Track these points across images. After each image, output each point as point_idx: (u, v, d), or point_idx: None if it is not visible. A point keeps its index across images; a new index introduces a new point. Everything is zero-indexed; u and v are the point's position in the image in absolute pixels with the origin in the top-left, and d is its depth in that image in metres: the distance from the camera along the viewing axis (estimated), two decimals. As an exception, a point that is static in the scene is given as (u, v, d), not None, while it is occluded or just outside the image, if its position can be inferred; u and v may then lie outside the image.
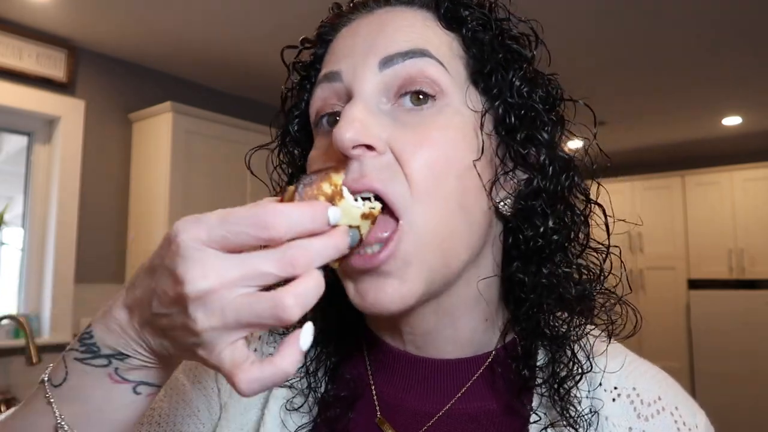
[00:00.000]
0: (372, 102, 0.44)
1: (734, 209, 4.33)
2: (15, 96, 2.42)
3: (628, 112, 3.81)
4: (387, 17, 0.47)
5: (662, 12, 2.39)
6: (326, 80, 0.47)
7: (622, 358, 0.49)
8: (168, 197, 2.59)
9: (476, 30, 0.47)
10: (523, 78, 0.47)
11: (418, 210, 0.42)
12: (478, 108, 0.46)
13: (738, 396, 4.10)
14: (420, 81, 0.44)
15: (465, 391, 0.49)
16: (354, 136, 0.41)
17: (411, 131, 0.43)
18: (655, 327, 4.57)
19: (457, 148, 0.44)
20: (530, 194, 0.47)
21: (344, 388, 0.52)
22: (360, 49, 0.45)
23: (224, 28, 2.45)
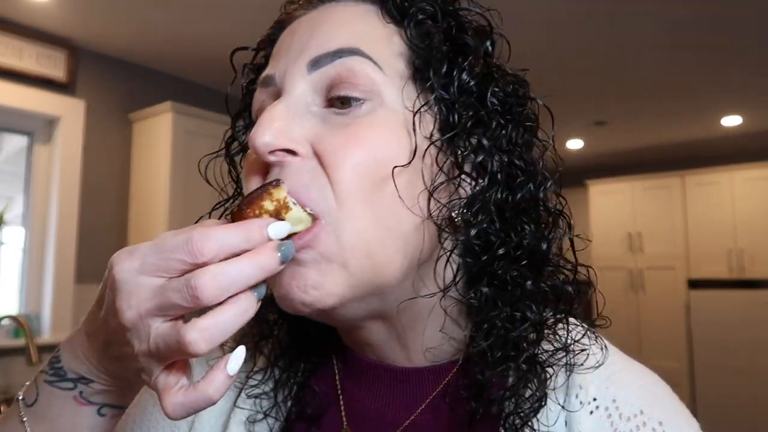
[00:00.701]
0: (300, 104, 0.41)
1: (734, 209, 4.33)
2: (15, 96, 2.42)
3: (628, 112, 3.81)
4: (326, 14, 0.44)
5: (662, 12, 2.39)
6: (262, 85, 0.45)
7: (606, 366, 0.44)
8: (168, 197, 2.59)
9: (420, 21, 0.43)
10: (472, 73, 0.42)
11: (342, 215, 0.39)
12: (417, 105, 0.42)
13: (738, 395, 4.10)
14: (348, 83, 0.40)
15: (431, 401, 0.46)
16: (271, 140, 0.39)
17: (339, 132, 0.40)
18: (655, 327, 4.57)
19: (388, 149, 0.40)
20: (478, 205, 0.42)
21: (310, 403, 0.50)
22: (293, 50, 0.43)
23: (225, 27, 2.45)
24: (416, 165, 0.41)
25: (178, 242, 0.33)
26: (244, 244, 0.34)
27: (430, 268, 0.44)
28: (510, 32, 0.49)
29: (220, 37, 2.53)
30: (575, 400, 0.43)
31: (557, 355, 0.43)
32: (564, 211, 0.46)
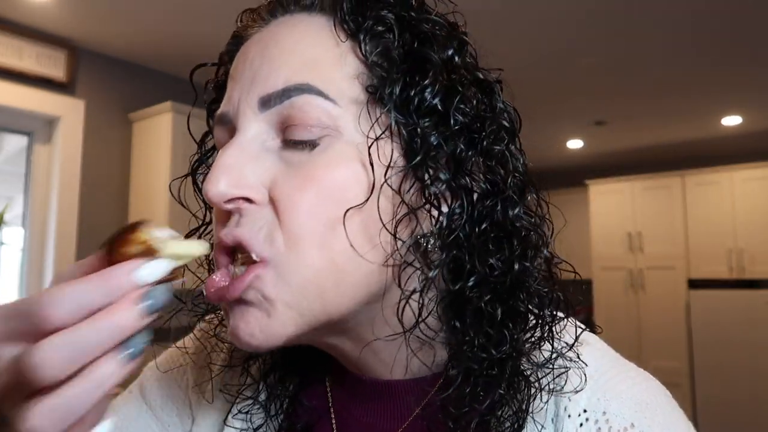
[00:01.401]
0: (255, 142, 0.39)
1: (734, 209, 4.33)
2: (15, 96, 2.42)
3: (628, 112, 3.81)
4: (277, 34, 0.41)
5: (662, 12, 2.39)
6: (218, 122, 0.43)
7: (598, 369, 0.42)
8: (168, 198, 2.59)
9: (376, 34, 0.40)
10: (434, 91, 0.39)
11: (291, 258, 0.37)
12: (376, 132, 0.39)
13: (738, 395, 4.10)
14: (300, 125, 0.38)
15: (419, 412, 0.45)
16: (224, 190, 0.37)
17: (294, 173, 0.38)
18: (655, 327, 4.57)
19: (345, 187, 0.38)
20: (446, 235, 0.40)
21: (301, 417, 0.49)
22: (244, 81, 0.40)
23: (225, 27, 2.45)
24: (374, 201, 0.38)
25: (30, 305, 0.29)
26: (105, 298, 0.29)
27: (391, 295, 0.41)
28: (510, 32, 0.49)
29: (220, 37, 2.52)
30: (564, 413, 0.41)
31: (540, 376, 0.41)
32: (546, 219, 0.44)
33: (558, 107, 3.71)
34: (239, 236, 0.37)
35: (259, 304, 0.38)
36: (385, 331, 0.42)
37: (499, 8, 2.33)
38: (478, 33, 0.46)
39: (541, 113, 3.77)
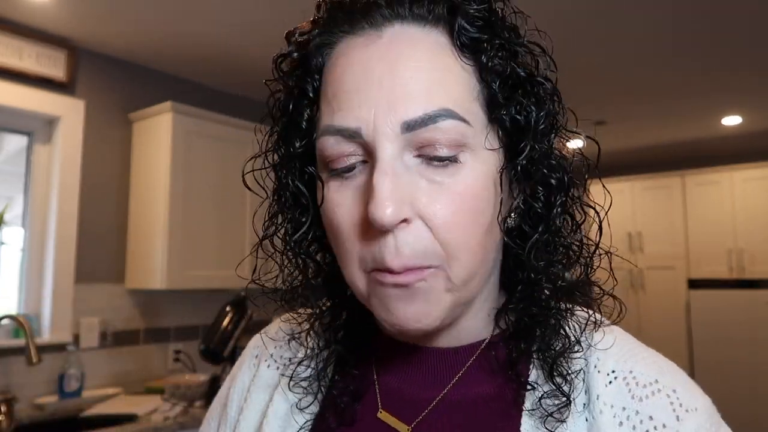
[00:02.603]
0: (397, 163, 0.43)
1: (734, 209, 4.33)
2: (15, 96, 2.42)
3: (628, 112, 3.82)
4: (401, 47, 0.43)
5: (663, 12, 2.39)
6: (340, 134, 0.44)
7: (623, 343, 0.50)
8: (168, 197, 2.59)
9: (493, 59, 0.44)
10: (538, 109, 0.46)
11: (453, 265, 0.44)
12: (496, 146, 0.46)
13: (738, 395, 4.10)
14: (441, 147, 0.43)
15: (460, 377, 0.50)
16: (390, 221, 0.41)
17: (436, 192, 0.43)
18: (655, 326, 4.57)
19: (482, 199, 0.44)
20: (531, 210, 0.48)
21: (351, 382, 0.54)
22: (379, 104, 0.43)
23: (225, 27, 2.45)
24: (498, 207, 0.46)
25: None
26: None
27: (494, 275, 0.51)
28: None
29: (220, 37, 2.53)
30: (594, 369, 0.47)
31: (577, 330, 0.48)
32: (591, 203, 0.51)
33: (558, 107, 3.70)
34: (410, 264, 0.43)
35: (423, 296, 0.44)
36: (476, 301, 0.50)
37: (499, 8, 2.32)
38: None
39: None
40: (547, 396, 0.46)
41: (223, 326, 2.35)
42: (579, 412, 0.46)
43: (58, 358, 2.45)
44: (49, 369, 2.42)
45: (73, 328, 2.54)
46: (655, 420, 0.44)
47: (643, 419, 0.44)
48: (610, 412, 0.45)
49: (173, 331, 2.93)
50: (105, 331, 2.65)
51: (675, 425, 0.43)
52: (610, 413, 0.45)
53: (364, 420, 0.52)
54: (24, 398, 2.34)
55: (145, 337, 2.81)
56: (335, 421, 0.52)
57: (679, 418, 0.44)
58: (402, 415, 0.50)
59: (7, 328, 2.39)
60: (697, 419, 0.44)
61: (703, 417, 0.44)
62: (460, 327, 0.50)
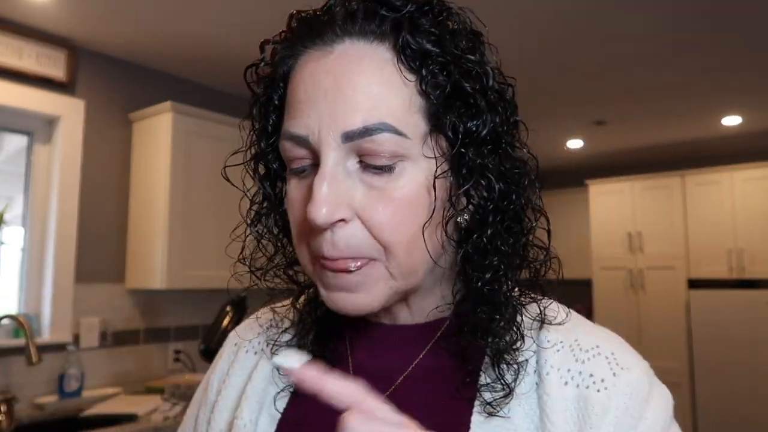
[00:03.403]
0: (338, 170, 0.47)
1: (734, 209, 4.33)
2: (15, 96, 2.42)
3: (628, 112, 3.82)
4: (345, 67, 0.47)
5: (663, 12, 2.39)
6: (293, 140, 0.49)
7: (572, 319, 0.55)
8: (168, 197, 2.59)
9: (434, 73, 0.48)
10: (478, 121, 0.49)
11: (391, 258, 0.48)
12: (436, 154, 0.49)
13: (738, 395, 4.10)
14: (379, 157, 0.47)
15: (425, 353, 0.56)
16: (326, 218, 0.46)
17: (375, 196, 0.47)
18: (655, 326, 4.57)
19: (420, 204, 0.48)
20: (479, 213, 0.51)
21: (326, 352, 0.60)
22: (323, 115, 0.47)
23: (225, 27, 2.45)
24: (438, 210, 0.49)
25: None
26: None
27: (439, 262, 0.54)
28: (510, 32, 0.51)
29: (220, 37, 2.53)
30: (545, 341, 0.53)
31: (531, 313, 0.54)
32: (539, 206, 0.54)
33: (558, 107, 3.71)
34: (344, 254, 0.48)
35: (362, 289, 0.49)
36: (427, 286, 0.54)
37: (500, 9, 2.33)
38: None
39: (541, 113, 3.78)
40: (496, 382, 0.51)
41: (223, 326, 2.35)
42: (525, 394, 0.51)
43: (58, 358, 2.45)
44: (49, 369, 2.42)
45: (73, 328, 2.54)
46: (594, 376, 0.50)
47: (584, 377, 0.50)
48: (556, 374, 0.51)
49: (173, 331, 2.93)
50: (105, 331, 2.65)
51: (612, 380, 0.50)
52: (557, 375, 0.51)
53: None
54: (24, 398, 2.34)
55: (145, 337, 2.82)
56: None
57: (615, 374, 0.50)
58: (374, 386, 0.55)
59: (7, 327, 2.39)
60: (631, 375, 0.50)
61: (636, 374, 0.51)
62: (414, 307, 0.56)
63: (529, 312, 0.54)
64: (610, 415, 0.48)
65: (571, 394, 0.50)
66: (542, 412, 0.50)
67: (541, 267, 0.55)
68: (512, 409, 0.50)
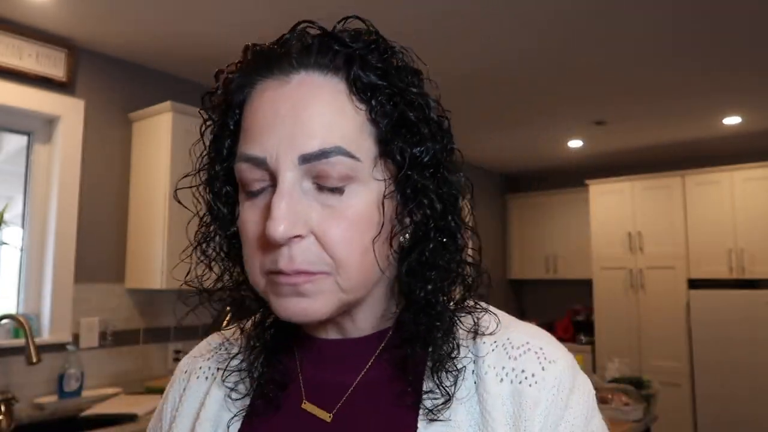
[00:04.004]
0: (295, 189, 0.51)
1: (734, 209, 4.33)
2: (15, 95, 2.42)
3: (628, 112, 3.82)
4: (304, 91, 0.52)
5: (663, 12, 2.39)
6: (250, 162, 0.52)
7: (503, 321, 0.59)
8: (167, 197, 2.59)
9: (382, 103, 0.52)
10: (422, 147, 0.54)
11: (341, 272, 0.51)
12: (384, 176, 0.53)
13: (738, 395, 4.10)
14: (332, 179, 0.51)
15: (372, 363, 0.59)
16: (284, 233, 0.49)
17: (329, 215, 0.51)
18: (655, 326, 4.57)
19: (368, 222, 0.52)
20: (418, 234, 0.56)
21: (276, 373, 0.61)
22: (282, 139, 0.51)
23: (225, 27, 2.45)
24: (386, 226, 0.54)
25: None
26: None
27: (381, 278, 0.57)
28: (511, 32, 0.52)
29: (220, 37, 2.53)
30: (481, 345, 0.57)
31: (466, 324, 0.57)
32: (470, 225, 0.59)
33: (558, 107, 3.71)
34: (300, 268, 0.50)
35: (311, 295, 0.51)
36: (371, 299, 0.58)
37: (500, 9, 2.33)
38: (479, 34, 0.53)
39: (541, 113, 3.77)
40: (436, 389, 0.54)
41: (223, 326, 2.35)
42: (465, 398, 0.54)
43: (58, 358, 2.45)
44: (48, 369, 2.42)
45: (72, 328, 2.54)
46: (526, 371, 0.54)
47: (517, 373, 0.54)
48: (492, 372, 0.55)
49: (173, 331, 2.93)
50: (105, 330, 2.65)
51: (541, 374, 0.54)
52: (493, 373, 0.55)
53: (291, 410, 0.59)
54: (24, 398, 2.34)
55: (144, 336, 2.82)
56: (263, 407, 0.60)
57: (544, 368, 0.54)
58: (323, 403, 0.58)
59: (7, 327, 2.39)
60: (557, 367, 0.55)
61: (561, 366, 0.55)
62: (357, 321, 0.59)
63: (464, 324, 0.57)
64: (541, 407, 0.53)
65: (506, 390, 0.54)
66: (483, 410, 0.53)
67: (473, 281, 0.58)
68: (454, 411, 0.53)
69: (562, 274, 5.43)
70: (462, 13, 2.34)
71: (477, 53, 2.75)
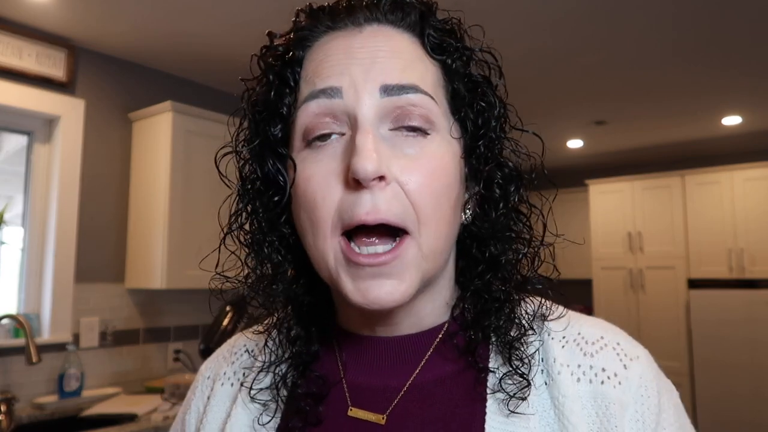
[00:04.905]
0: (376, 130, 0.47)
1: (734, 209, 4.33)
2: (15, 95, 2.42)
3: (628, 112, 3.81)
4: (379, 38, 0.49)
5: (662, 12, 2.39)
6: (324, 95, 0.48)
7: (568, 315, 0.56)
8: (168, 197, 2.59)
9: (455, 62, 0.51)
10: (489, 110, 0.52)
11: (423, 230, 0.47)
12: (458, 135, 0.51)
13: (738, 395, 4.10)
14: (415, 116, 0.47)
15: (426, 362, 0.53)
16: (374, 170, 0.44)
17: (411, 162, 0.47)
18: (655, 326, 4.57)
19: (450, 175, 0.49)
20: (485, 202, 0.53)
21: (314, 385, 0.55)
22: (358, 70, 0.47)
23: (225, 27, 2.45)
24: (462, 185, 0.52)
25: None
26: None
27: None
28: (511, 32, 0.53)
29: (219, 36, 2.53)
30: (547, 336, 0.53)
31: (530, 309, 0.54)
32: (538, 208, 0.55)
33: (558, 107, 3.71)
34: (384, 219, 0.46)
35: (396, 274, 0.47)
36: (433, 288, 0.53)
37: (499, 7, 2.33)
38: (478, 32, 0.54)
39: (541, 113, 3.77)
40: (507, 377, 0.50)
41: (223, 326, 2.35)
42: (538, 389, 0.50)
43: (58, 358, 2.45)
44: (48, 369, 2.42)
45: (73, 328, 2.54)
46: (607, 370, 0.50)
47: (597, 371, 0.50)
48: (567, 371, 0.50)
49: (173, 331, 2.93)
50: (105, 330, 2.65)
51: (624, 373, 0.50)
52: (568, 371, 0.50)
53: (335, 421, 0.53)
54: (24, 398, 2.34)
55: (145, 336, 2.82)
56: (299, 424, 0.53)
57: (626, 366, 0.51)
58: (374, 407, 0.53)
59: (7, 327, 2.39)
60: (641, 365, 0.52)
61: (644, 363, 0.52)
62: (418, 314, 0.54)
63: (527, 309, 0.54)
64: (630, 411, 0.49)
65: (585, 391, 0.49)
66: (559, 414, 0.48)
67: (537, 263, 0.55)
68: (525, 409, 0.49)
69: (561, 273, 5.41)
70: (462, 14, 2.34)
71: (477, 53, 2.75)
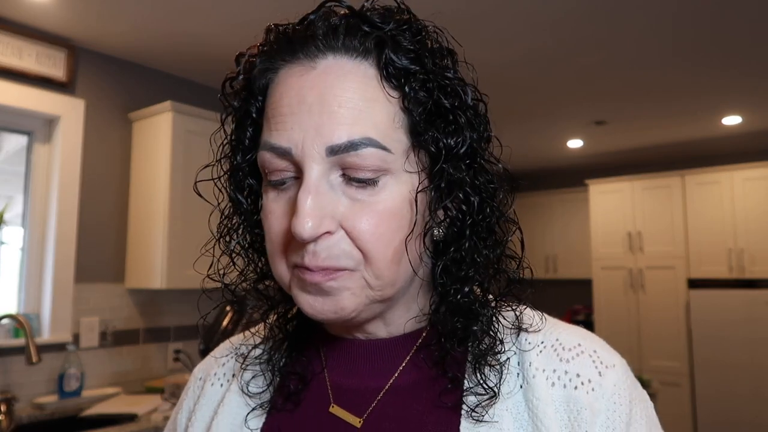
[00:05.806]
0: (322, 183, 0.47)
1: (734, 209, 4.33)
2: (15, 95, 2.42)
3: (628, 112, 3.82)
4: (330, 78, 0.47)
5: (662, 12, 2.39)
6: (275, 152, 0.48)
7: (547, 321, 0.56)
8: (168, 197, 2.59)
9: (416, 90, 0.48)
10: (456, 137, 0.50)
11: (370, 269, 0.48)
12: (417, 169, 0.50)
13: (738, 395, 4.10)
14: (363, 170, 0.47)
15: (404, 366, 0.55)
16: (312, 232, 0.46)
17: (361, 209, 0.47)
18: (655, 326, 4.57)
19: (403, 216, 0.49)
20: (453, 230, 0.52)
21: (298, 366, 0.59)
22: (307, 129, 0.47)
23: (225, 27, 2.45)
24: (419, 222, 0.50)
25: None
26: None
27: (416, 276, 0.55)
28: (511, 32, 0.52)
29: (219, 36, 2.53)
30: (525, 342, 0.54)
31: (507, 319, 0.55)
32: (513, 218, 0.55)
33: (558, 107, 3.71)
34: (324, 264, 0.47)
35: (337, 293, 0.48)
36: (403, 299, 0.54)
37: (499, 7, 2.33)
38: (479, 33, 0.52)
39: (541, 113, 3.77)
40: (479, 386, 0.51)
41: (223, 326, 2.35)
42: (513, 392, 0.51)
43: (58, 358, 2.45)
44: (48, 369, 2.42)
45: (73, 328, 2.54)
46: (581, 376, 0.51)
47: (571, 377, 0.51)
48: (542, 375, 0.51)
49: (173, 331, 2.93)
50: (105, 330, 2.65)
51: (598, 380, 0.51)
52: (543, 376, 0.51)
53: (317, 413, 0.56)
54: (24, 398, 2.34)
55: (145, 336, 2.82)
56: (284, 402, 0.57)
57: (601, 374, 0.51)
58: (352, 407, 0.55)
59: (7, 327, 2.39)
60: (616, 373, 0.52)
61: (620, 372, 0.52)
62: (394, 322, 0.55)
63: (506, 318, 0.55)
64: (600, 417, 0.49)
65: (559, 396, 0.50)
66: (533, 417, 0.50)
67: (514, 276, 0.55)
68: (499, 413, 0.50)
69: (561, 273, 5.43)
70: (462, 14, 2.34)
71: (477, 53, 2.75)
